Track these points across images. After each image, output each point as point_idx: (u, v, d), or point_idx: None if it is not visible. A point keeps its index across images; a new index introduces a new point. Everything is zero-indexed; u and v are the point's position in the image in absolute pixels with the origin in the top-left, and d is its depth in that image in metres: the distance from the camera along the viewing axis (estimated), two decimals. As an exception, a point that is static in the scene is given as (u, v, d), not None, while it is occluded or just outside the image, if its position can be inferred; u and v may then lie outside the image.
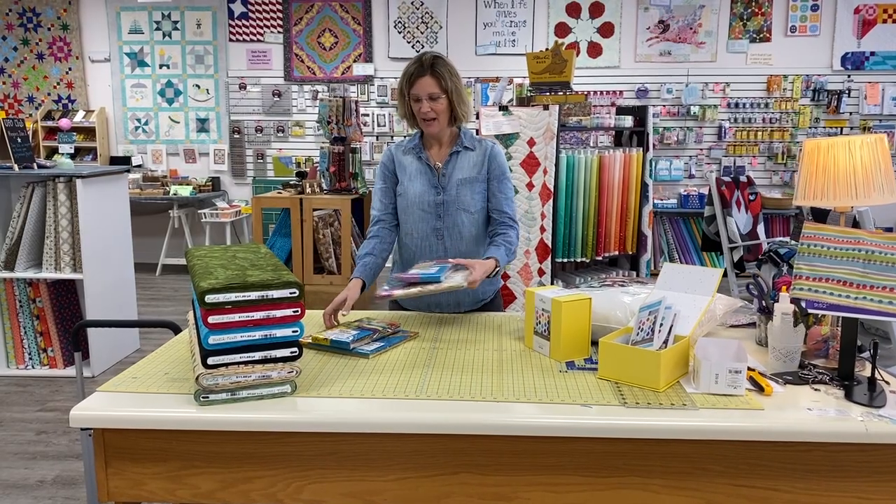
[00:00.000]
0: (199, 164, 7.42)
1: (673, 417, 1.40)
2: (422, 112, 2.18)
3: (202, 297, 1.39)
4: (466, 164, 2.25)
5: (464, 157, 2.26)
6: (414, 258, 2.28)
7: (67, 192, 3.96)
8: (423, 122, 2.21)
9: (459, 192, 2.23)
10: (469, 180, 2.24)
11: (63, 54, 7.28)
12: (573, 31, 6.89)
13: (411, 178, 2.27)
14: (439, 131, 2.24)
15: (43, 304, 4.12)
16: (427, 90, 2.16)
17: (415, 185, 2.25)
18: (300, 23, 7.10)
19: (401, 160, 2.31)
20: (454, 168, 2.25)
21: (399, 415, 1.43)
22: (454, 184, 2.23)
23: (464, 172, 2.24)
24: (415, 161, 2.28)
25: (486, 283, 2.29)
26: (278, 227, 5.27)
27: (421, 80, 2.16)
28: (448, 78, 2.18)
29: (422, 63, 2.17)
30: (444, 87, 2.17)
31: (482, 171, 2.25)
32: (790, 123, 6.77)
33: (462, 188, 2.23)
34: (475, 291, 2.27)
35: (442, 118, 2.20)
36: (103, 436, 1.46)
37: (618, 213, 4.45)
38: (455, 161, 2.26)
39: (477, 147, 2.28)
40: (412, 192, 2.25)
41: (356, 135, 5.46)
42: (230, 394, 1.45)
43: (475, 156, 2.26)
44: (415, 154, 2.29)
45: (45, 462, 3.08)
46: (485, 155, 2.26)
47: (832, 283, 1.52)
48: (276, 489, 1.46)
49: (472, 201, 2.24)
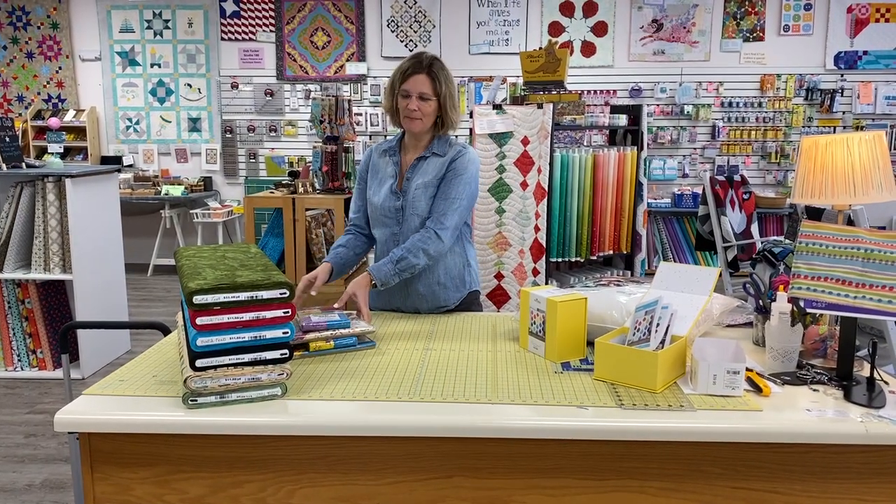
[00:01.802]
0: (191, 164, 7.37)
1: (670, 419, 1.38)
2: (408, 108, 2.12)
3: (190, 298, 1.36)
4: (429, 169, 2.18)
5: (429, 163, 2.19)
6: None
7: (56, 191, 3.91)
8: (405, 120, 2.15)
9: (415, 197, 2.16)
10: (426, 184, 2.16)
11: (53, 53, 7.22)
12: (567, 30, 6.87)
13: (380, 182, 2.24)
14: (420, 132, 2.17)
15: (32, 305, 4.07)
16: (419, 88, 2.12)
17: (381, 190, 2.22)
18: (292, 22, 7.07)
19: (376, 163, 2.29)
20: (416, 173, 2.19)
21: (392, 417, 1.40)
22: (413, 189, 2.17)
23: (425, 177, 2.17)
24: (388, 164, 2.25)
25: (449, 290, 2.24)
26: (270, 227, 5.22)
27: (416, 76, 2.12)
28: (443, 83, 2.14)
29: (420, 61, 2.13)
30: (437, 91, 2.13)
31: (440, 173, 2.16)
32: (783, 123, 6.78)
33: (418, 192, 2.16)
34: (434, 298, 2.21)
35: (427, 120, 2.15)
36: (89, 440, 1.43)
37: (612, 212, 4.44)
38: (419, 166, 2.19)
39: (448, 151, 2.19)
40: (377, 198, 2.23)
41: (349, 134, 5.42)
42: (219, 397, 1.42)
43: (441, 161, 2.18)
44: (390, 156, 2.26)
45: (34, 465, 3.04)
46: (449, 158, 2.17)
47: (831, 281, 1.50)
48: (266, 494, 1.43)
49: (426, 207, 2.15)
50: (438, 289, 2.21)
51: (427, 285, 2.20)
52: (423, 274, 2.18)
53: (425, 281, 2.20)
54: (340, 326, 1.80)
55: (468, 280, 2.29)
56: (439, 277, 2.21)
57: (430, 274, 2.20)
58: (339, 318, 1.83)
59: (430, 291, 2.21)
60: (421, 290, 2.20)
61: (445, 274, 2.22)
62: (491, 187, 4.12)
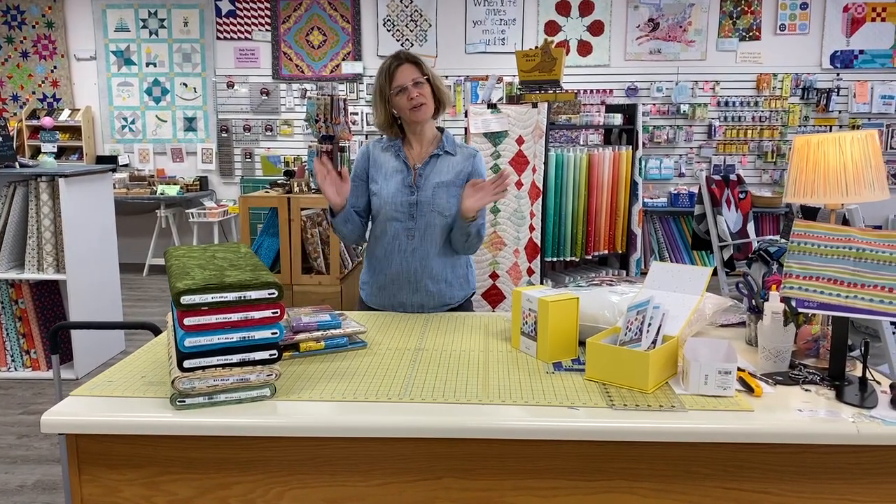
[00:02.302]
0: (187, 164, 7.35)
1: (661, 419, 1.37)
2: (411, 98, 2.17)
3: (177, 299, 1.35)
4: (446, 168, 2.26)
5: (444, 161, 2.27)
6: (385, 258, 2.26)
7: (50, 191, 3.90)
8: (412, 112, 2.20)
9: (436, 195, 2.22)
10: (447, 184, 2.24)
11: (48, 52, 7.19)
12: (563, 30, 6.87)
13: (386, 176, 2.26)
14: (427, 119, 2.23)
15: (25, 305, 4.06)
16: (410, 76, 2.18)
17: (389, 183, 2.24)
18: (288, 21, 7.05)
19: (377, 157, 2.29)
20: (432, 171, 2.25)
21: (382, 418, 1.39)
22: (430, 186, 2.23)
23: (442, 176, 2.24)
24: (392, 159, 2.27)
25: (455, 286, 2.30)
26: (266, 227, 5.21)
27: (402, 68, 2.20)
28: (425, 65, 2.23)
29: (396, 56, 2.23)
30: (424, 72, 2.21)
31: (460, 176, 2.25)
32: (780, 122, 6.77)
33: (439, 191, 2.22)
34: (441, 294, 2.27)
35: (430, 103, 2.21)
36: (76, 441, 1.41)
37: (607, 211, 4.43)
38: (434, 164, 2.26)
39: (458, 153, 2.29)
40: (386, 191, 2.24)
41: (345, 133, 5.41)
42: (207, 398, 1.41)
43: (456, 161, 2.27)
44: (393, 152, 2.28)
45: (26, 466, 3.03)
46: (466, 162, 2.27)
47: (823, 281, 1.49)
48: (255, 495, 1.42)
49: (447, 205, 2.23)
50: (445, 287, 2.27)
51: (436, 283, 2.25)
52: (433, 272, 2.24)
53: (435, 278, 2.25)
54: (331, 327, 1.79)
55: (471, 279, 2.38)
56: (447, 276, 2.27)
57: (440, 272, 2.25)
58: (330, 319, 1.82)
59: (438, 289, 2.26)
60: (430, 288, 2.25)
61: (452, 273, 2.29)
62: (486, 187, 4.10)
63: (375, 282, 2.29)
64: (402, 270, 2.23)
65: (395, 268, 2.24)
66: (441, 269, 2.26)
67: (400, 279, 2.24)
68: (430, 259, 2.23)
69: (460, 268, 2.33)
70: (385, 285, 2.26)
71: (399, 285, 2.25)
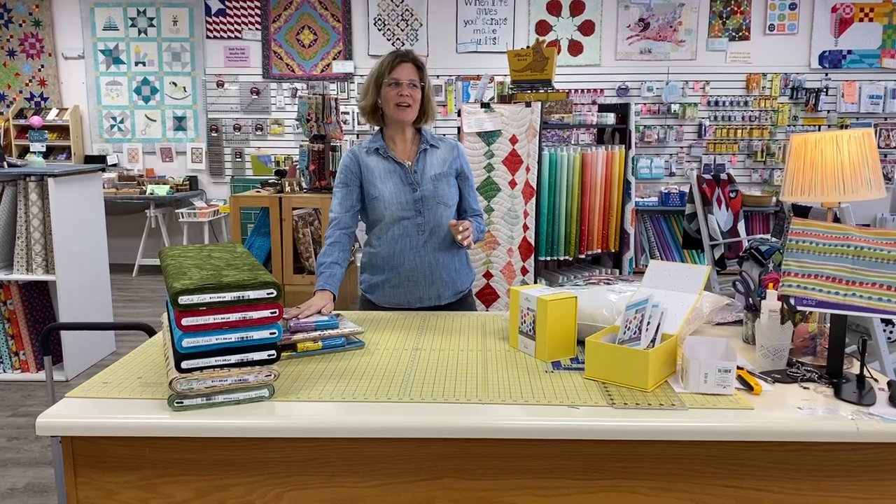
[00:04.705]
0: (176, 163, 7.29)
1: (661, 418, 1.37)
2: (400, 95, 2.19)
3: (175, 299, 1.34)
4: (437, 161, 2.30)
5: (432, 154, 2.32)
6: (396, 257, 2.25)
7: (39, 191, 3.86)
8: (396, 109, 2.21)
9: (437, 187, 2.26)
10: (442, 175, 2.29)
11: (35, 51, 7.12)
12: (554, 29, 6.87)
13: (382, 179, 2.26)
14: (409, 121, 2.25)
15: (14, 306, 4.01)
16: (410, 76, 2.21)
17: (388, 185, 2.25)
18: (279, 20, 7.01)
19: (366, 163, 2.29)
20: (426, 165, 2.29)
21: (381, 418, 1.39)
22: (429, 179, 2.26)
23: (436, 168, 2.29)
24: (381, 161, 2.28)
25: (462, 273, 2.37)
26: (257, 227, 5.19)
27: (404, 65, 2.22)
28: (426, 73, 2.27)
29: (404, 53, 2.25)
30: (423, 79, 2.25)
31: (451, 166, 2.31)
32: (769, 121, 6.81)
33: (439, 183, 2.27)
34: (454, 282, 2.34)
35: (415, 107, 2.24)
36: (72, 444, 1.40)
37: (600, 210, 4.44)
38: (425, 158, 2.30)
39: (441, 145, 2.34)
40: (387, 192, 2.24)
41: (336, 133, 5.39)
42: (205, 399, 1.40)
43: (442, 153, 2.33)
44: (379, 154, 2.28)
45: (17, 469, 3.00)
46: (452, 152, 2.33)
47: (821, 279, 1.50)
48: (253, 497, 1.41)
49: (449, 195, 2.29)
50: (456, 275, 2.34)
51: (448, 272, 2.31)
52: (445, 262, 2.29)
53: (447, 267, 2.30)
54: (328, 327, 1.78)
55: (470, 265, 2.47)
56: (455, 264, 2.33)
57: (450, 261, 2.31)
58: (328, 319, 1.81)
59: (451, 278, 2.32)
60: (445, 277, 2.31)
61: (459, 260, 2.36)
62: (479, 186, 4.10)
63: (388, 282, 2.29)
64: (416, 266, 2.26)
65: (409, 264, 2.26)
66: (451, 259, 2.32)
67: (416, 275, 2.27)
68: (440, 250, 2.28)
69: (463, 255, 2.40)
70: (400, 283, 2.28)
71: (415, 281, 2.28)
